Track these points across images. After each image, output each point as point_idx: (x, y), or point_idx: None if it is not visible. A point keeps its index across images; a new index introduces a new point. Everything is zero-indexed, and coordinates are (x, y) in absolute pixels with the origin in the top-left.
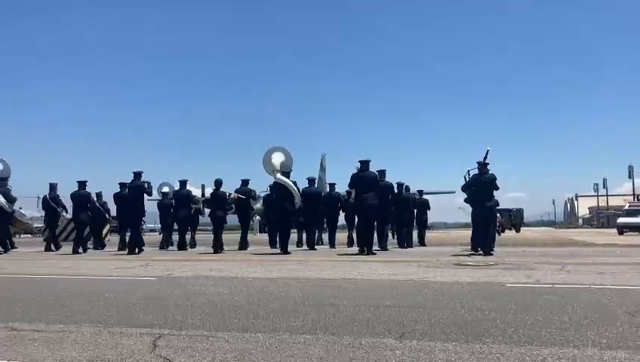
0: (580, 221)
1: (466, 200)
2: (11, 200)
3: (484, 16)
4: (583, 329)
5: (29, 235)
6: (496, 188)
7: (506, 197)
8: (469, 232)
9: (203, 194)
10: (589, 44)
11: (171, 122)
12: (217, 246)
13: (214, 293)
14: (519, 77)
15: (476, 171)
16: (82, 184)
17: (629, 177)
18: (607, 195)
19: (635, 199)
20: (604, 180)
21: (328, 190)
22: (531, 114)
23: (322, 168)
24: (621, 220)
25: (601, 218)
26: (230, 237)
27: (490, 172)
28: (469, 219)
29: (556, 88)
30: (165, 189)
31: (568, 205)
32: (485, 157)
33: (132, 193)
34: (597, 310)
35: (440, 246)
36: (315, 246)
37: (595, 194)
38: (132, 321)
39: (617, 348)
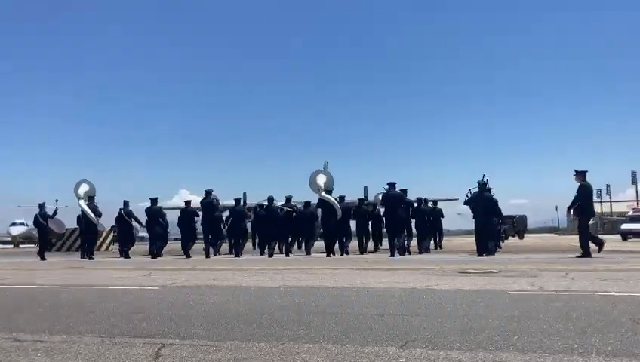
0: None
1: (472, 211)
2: (98, 215)
3: (487, 21)
4: (588, 336)
5: (32, 245)
6: (496, 208)
7: (508, 204)
8: (471, 239)
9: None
10: (590, 49)
11: (172, 123)
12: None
13: (217, 302)
14: (521, 80)
15: (476, 189)
16: (154, 201)
17: (633, 183)
18: (610, 201)
19: (639, 205)
20: (608, 186)
21: (357, 205)
22: (533, 119)
23: None
24: (625, 226)
25: (605, 224)
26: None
27: (492, 191)
28: (470, 226)
29: (558, 93)
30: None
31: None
32: (482, 181)
33: (204, 208)
34: (601, 317)
35: (443, 253)
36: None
37: (599, 200)
38: (135, 331)
39: (622, 355)
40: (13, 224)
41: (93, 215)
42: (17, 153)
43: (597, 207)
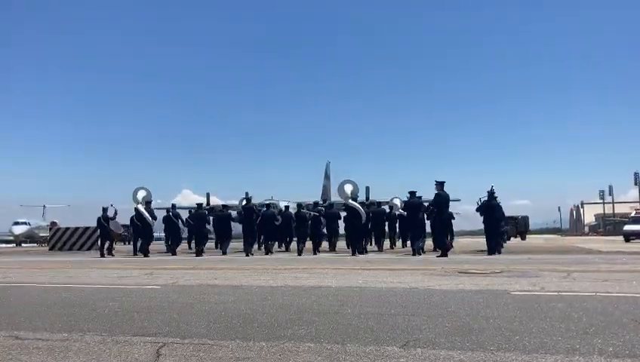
0: (586, 228)
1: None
2: (154, 218)
3: (483, 20)
4: (589, 337)
5: (34, 244)
6: (502, 214)
7: (511, 205)
8: (473, 240)
9: (208, 203)
10: (592, 50)
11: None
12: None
13: (219, 302)
14: (523, 82)
15: (486, 198)
16: (200, 206)
17: (635, 184)
18: (613, 202)
19: None
20: (610, 187)
21: (366, 206)
22: (536, 120)
23: (327, 176)
24: (627, 227)
25: (608, 225)
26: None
27: (497, 199)
28: (470, 227)
29: (561, 94)
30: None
31: (574, 212)
32: (491, 191)
33: (246, 212)
34: (603, 318)
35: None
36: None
37: (601, 201)
38: (136, 330)
39: (624, 356)
40: (16, 223)
41: (150, 218)
42: (18, 153)
43: (599, 208)
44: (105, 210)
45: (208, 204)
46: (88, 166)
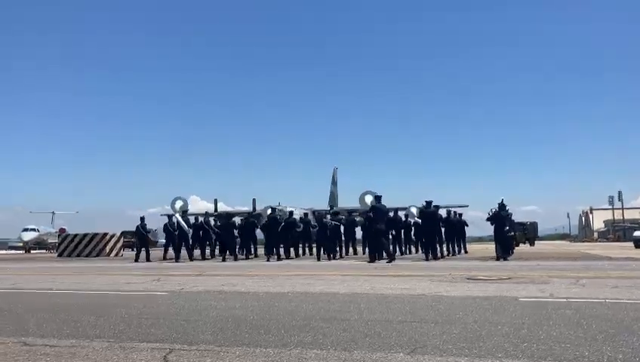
0: (596, 234)
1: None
2: (190, 226)
3: (487, 25)
4: (598, 344)
5: (44, 250)
6: (512, 223)
7: (519, 211)
8: (481, 246)
9: (216, 209)
10: (601, 52)
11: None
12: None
13: (226, 308)
14: (529, 87)
15: (496, 209)
16: (228, 214)
17: None
18: (622, 208)
19: None
20: (620, 193)
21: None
22: (544, 125)
23: (334, 182)
24: (638, 233)
25: (617, 231)
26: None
27: (507, 209)
28: (480, 233)
29: (569, 100)
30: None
31: (583, 218)
32: (501, 203)
33: (270, 221)
34: (612, 325)
35: (453, 260)
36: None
37: (611, 207)
38: (143, 336)
39: None
40: (25, 229)
41: (187, 226)
42: (27, 161)
43: (609, 214)
44: (142, 219)
45: (216, 210)
46: (96, 173)
